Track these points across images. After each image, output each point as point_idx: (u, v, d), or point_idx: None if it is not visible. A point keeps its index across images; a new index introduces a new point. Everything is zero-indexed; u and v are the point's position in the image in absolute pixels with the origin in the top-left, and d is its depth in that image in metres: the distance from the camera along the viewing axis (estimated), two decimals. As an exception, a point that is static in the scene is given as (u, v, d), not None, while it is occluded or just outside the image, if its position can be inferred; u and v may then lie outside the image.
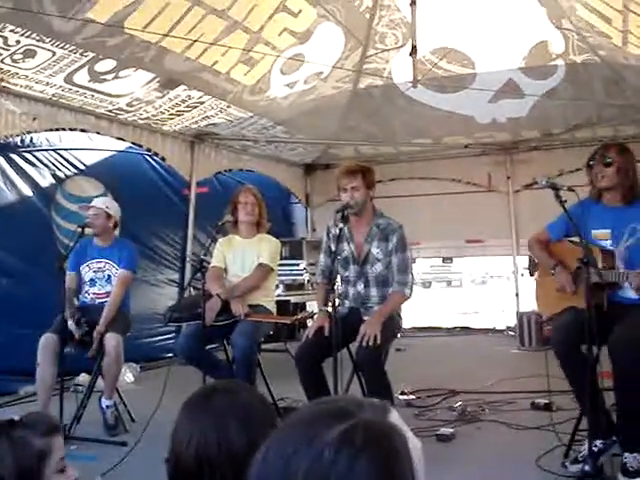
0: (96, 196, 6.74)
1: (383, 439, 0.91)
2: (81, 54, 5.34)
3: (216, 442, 1.45)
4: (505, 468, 3.91)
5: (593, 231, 3.93)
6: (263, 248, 5.24)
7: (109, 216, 5.38)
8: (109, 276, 5.33)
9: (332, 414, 0.93)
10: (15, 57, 5.13)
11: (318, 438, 0.89)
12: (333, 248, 4.23)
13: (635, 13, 5.31)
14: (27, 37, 4.90)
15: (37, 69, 5.39)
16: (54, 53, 5.22)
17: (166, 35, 5.39)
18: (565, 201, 3.64)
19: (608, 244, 3.88)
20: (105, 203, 5.53)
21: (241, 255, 5.28)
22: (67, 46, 5.17)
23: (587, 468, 3.47)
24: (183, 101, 6.77)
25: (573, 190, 3.74)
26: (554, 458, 3.89)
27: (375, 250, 4.43)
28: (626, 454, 3.54)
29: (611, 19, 5.65)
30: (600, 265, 3.69)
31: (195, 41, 5.62)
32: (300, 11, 6.10)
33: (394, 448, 0.91)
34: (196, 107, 7.01)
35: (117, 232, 5.60)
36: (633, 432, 3.59)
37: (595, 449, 3.56)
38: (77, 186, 7.38)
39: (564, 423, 4.40)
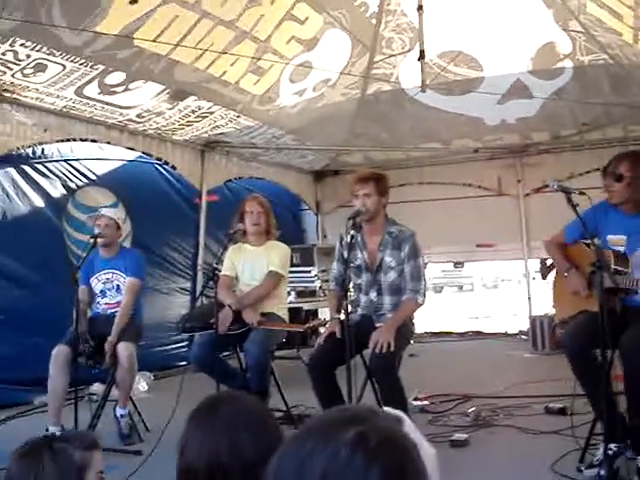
0: (105, 206, 6.76)
1: (396, 444, 0.92)
2: (91, 67, 5.37)
3: (228, 450, 1.46)
4: (520, 473, 3.91)
5: (609, 236, 3.92)
6: (273, 255, 5.24)
7: (119, 227, 5.41)
8: (118, 286, 5.35)
9: (347, 419, 0.94)
10: (25, 72, 5.16)
11: (334, 439, 0.90)
12: (345, 256, 4.23)
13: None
14: (37, 51, 4.93)
15: (48, 83, 5.42)
16: (64, 67, 5.25)
17: (176, 45, 5.41)
18: (577, 205, 3.63)
19: (623, 250, 3.86)
20: (116, 214, 5.56)
21: (251, 264, 5.29)
22: (77, 59, 5.20)
23: (602, 472, 3.45)
24: (193, 111, 6.80)
25: (584, 193, 3.72)
26: (569, 463, 3.87)
27: (388, 258, 4.43)
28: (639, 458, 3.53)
29: (622, 15, 5.63)
30: (614, 268, 3.68)
31: (205, 51, 5.64)
32: (307, 19, 6.11)
33: (407, 454, 0.92)
34: (206, 117, 7.04)
35: (127, 243, 5.63)
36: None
37: (610, 453, 3.54)
38: (88, 196, 7.42)
39: (579, 427, 4.37)
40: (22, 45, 4.80)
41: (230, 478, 1.44)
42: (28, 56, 4.97)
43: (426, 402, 5.65)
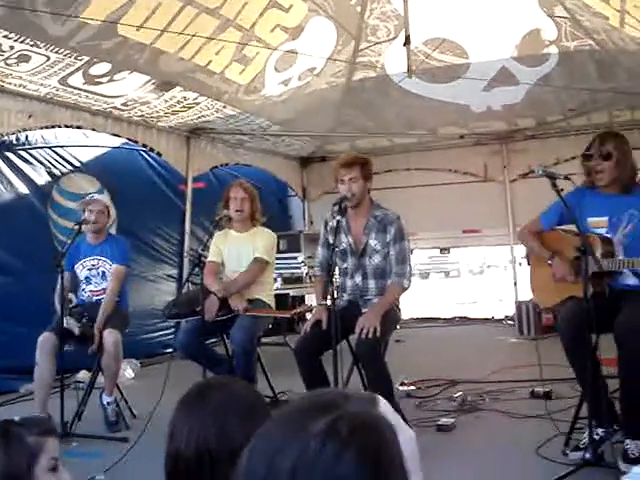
0: (92, 192, 6.72)
1: (370, 429, 0.90)
2: (76, 58, 5.32)
3: (217, 437, 1.45)
4: (506, 457, 3.93)
5: (589, 219, 3.90)
6: (258, 242, 5.22)
7: (109, 213, 5.40)
8: (103, 273, 5.32)
9: (317, 407, 0.92)
10: (9, 62, 5.12)
11: (303, 431, 0.88)
12: (331, 240, 4.23)
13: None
14: (21, 42, 4.88)
15: (31, 72, 5.38)
16: (48, 57, 5.21)
17: (161, 32, 5.37)
18: (562, 190, 3.63)
19: (604, 231, 3.86)
20: (107, 200, 5.54)
21: (237, 250, 5.27)
22: (62, 50, 5.16)
23: (588, 456, 3.47)
24: (179, 102, 6.77)
25: (569, 179, 3.72)
26: (554, 446, 3.89)
27: (373, 242, 4.44)
28: (627, 441, 3.55)
29: (609, -1, 5.63)
30: (600, 253, 3.69)
31: (193, 36, 5.60)
32: (291, 6, 6.08)
33: (381, 438, 0.90)
34: (192, 107, 7.01)
35: (113, 230, 5.61)
36: (635, 418, 3.61)
37: (596, 437, 3.56)
38: (73, 183, 7.38)
39: (564, 411, 4.41)
40: (5, 37, 4.76)
41: (219, 464, 1.44)
42: (12, 47, 4.92)
43: (412, 387, 5.66)
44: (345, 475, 0.85)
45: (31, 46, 4.96)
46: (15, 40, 4.82)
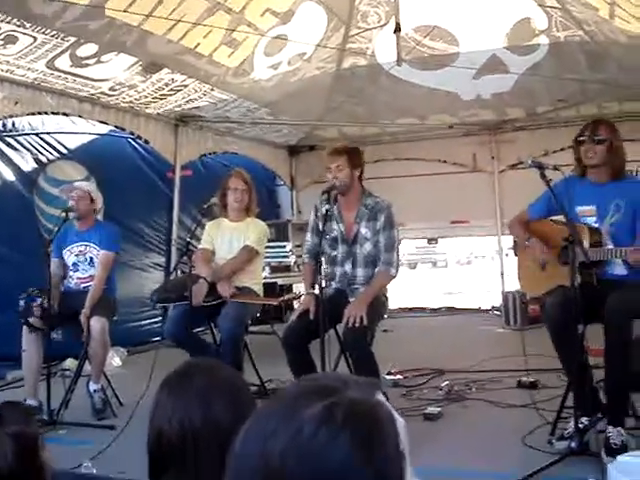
0: (79, 180, 6.69)
1: (366, 416, 0.89)
2: (62, 39, 5.28)
3: (201, 416, 1.45)
4: (492, 446, 3.94)
5: (578, 207, 3.92)
6: (250, 231, 5.22)
7: (92, 200, 5.35)
8: (91, 259, 5.30)
9: (314, 391, 0.91)
10: (-4, 44, 5.07)
11: (298, 415, 0.87)
12: (321, 227, 4.22)
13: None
14: (7, 23, 4.84)
15: (18, 55, 5.33)
16: (35, 38, 5.16)
17: (148, 16, 5.33)
18: (550, 180, 3.64)
19: (593, 221, 3.88)
20: (89, 187, 5.50)
21: (229, 238, 5.27)
22: (48, 31, 5.12)
23: (573, 445, 3.49)
24: (166, 84, 6.72)
25: (558, 169, 3.73)
26: (540, 435, 3.91)
27: (364, 230, 4.44)
28: (610, 428, 3.57)
29: (599, -10, 5.64)
30: (588, 243, 3.70)
31: (178, 21, 5.56)
32: (282, -10, 6.06)
33: (377, 425, 0.89)
34: (180, 90, 6.97)
35: (99, 218, 5.58)
36: (618, 405, 3.64)
37: (581, 426, 3.58)
38: (60, 170, 7.33)
39: (549, 401, 4.43)
40: (-8, 17, 4.71)
41: (202, 444, 1.44)
42: (-2, 28, 4.88)
43: (399, 376, 5.68)
44: (337, 460, 0.85)
45: (18, 26, 4.92)
46: (2, 20, 4.78)
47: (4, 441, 1.67)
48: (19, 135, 6.94)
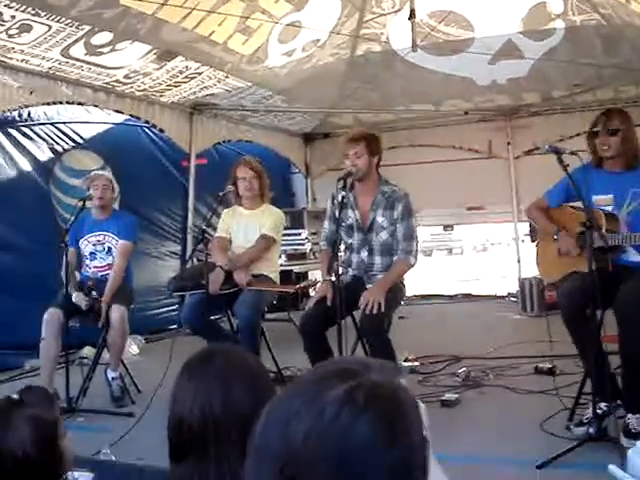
0: (95, 169, 6.70)
1: (388, 398, 0.89)
2: (77, 27, 5.28)
3: (221, 402, 1.45)
4: (510, 432, 3.94)
5: (594, 197, 3.89)
6: (266, 219, 5.22)
7: (113, 189, 5.39)
8: (109, 248, 5.32)
9: (337, 374, 0.92)
10: (10, 32, 5.07)
11: (320, 398, 0.88)
12: (337, 215, 4.21)
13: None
14: (22, 12, 4.84)
15: (33, 43, 5.33)
16: (50, 27, 5.16)
17: (163, 4, 5.32)
18: (568, 165, 3.62)
19: (610, 209, 3.86)
20: (110, 175, 5.53)
21: (244, 227, 5.27)
22: (63, 19, 5.12)
23: (591, 430, 3.50)
24: (181, 72, 6.72)
25: (576, 154, 3.71)
26: (558, 421, 3.92)
27: (380, 218, 4.42)
28: (629, 415, 3.57)
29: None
30: (604, 229, 3.68)
31: (192, 9, 5.55)
32: (296, -23, 6.03)
33: (398, 407, 0.89)
34: (194, 78, 6.96)
35: (116, 206, 5.61)
36: (636, 393, 3.62)
37: (599, 412, 3.58)
38: (76, 159, 7.36)
39: (567, 387, 4.42)
40: (6, 6, 4.71)
41: (222, 430, 1.44)
42: (13, 17, 4.88)
43: (416, 363, 5.68)
44: (359, 442, 0.85)
45: (32, 15, 4.92)
46: (17, 9, 4.78)
47: (21, 424, 1.68)
48: (35, 125, 6.97)
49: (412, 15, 5.99)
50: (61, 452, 1.74)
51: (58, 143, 7.21)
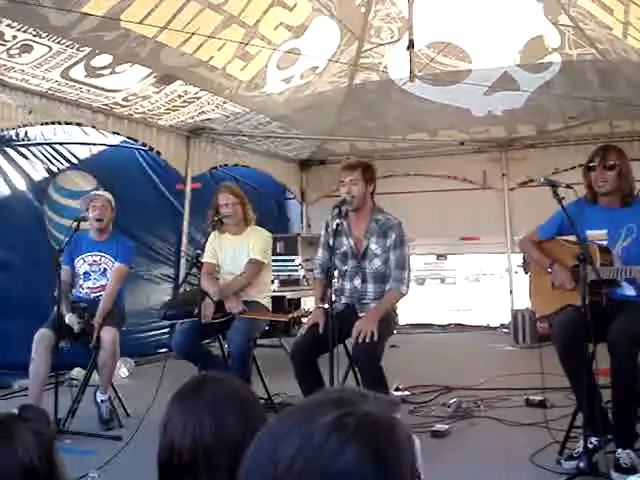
0: (89, 190, 6.70)
1: (378, 428, 0.89)
2: (77, 49, 5.31)
3: (211, 430, 1.45)
4: (500, 464, 3.92)
5: (588, 232, 3.91)
6: (253, 243, 5.19)
7: (112, 208, 5.37)
8: (105, 269, 5.29)
9: (332, 402, 0.92)
10: (11, 52, 5.10)
11: (310, 422, 0.88)
12: (331, 243, 4.22)
13: (636, 4, 5.29)
14: (24, 32, 4.87)
15: (34, 64, 5.36)
16: (50, 48, 5.19)
17: (163, 28, 5.37)
18: (563, 198, 3.64)
19: (604, 244, 3.87)
20: (109, 196, 5.51)
21: (232, 253, 5.25)
22: (64, 41, 5.15)
23: (582, 465, 3.48)
24: (179, 96, 6.75)
25: (571, 187, 3.74)
26: (548, 455, 3.89)
27: (374, 246, 4.43)
28: (619, 450, 3.56)
29: (613, 9, 5.64)
30: (599, 263, 3.69)
31: (192, 34, 5.60)
32: (295, 5, 6.09)
33: (390, 438, 0.89)
34: (192, 102, 7.00)
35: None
36: (626, 428, 3.62)
37: (590, 446, 3.56)
38: (70, 180, 7.36)
39: (558, 420, 4.41)
40: (8, 25, 4.75)
41: (213, 458, 1.43)
42: (14, 37, 4.91)
43: (407, 392, 5.66)
44: (345, 469, 0.85)
45: (34, 36, 4.95)
46: (18, 30, 4.81)
47: (27, 435, 1.67)
48: (31, 145, 6.97)
49: (411, 45, 6.04)
50: (59, 467, 1.73)
51: (53, 163, 7.21)
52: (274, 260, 5.53)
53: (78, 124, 6.68)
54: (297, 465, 0.85)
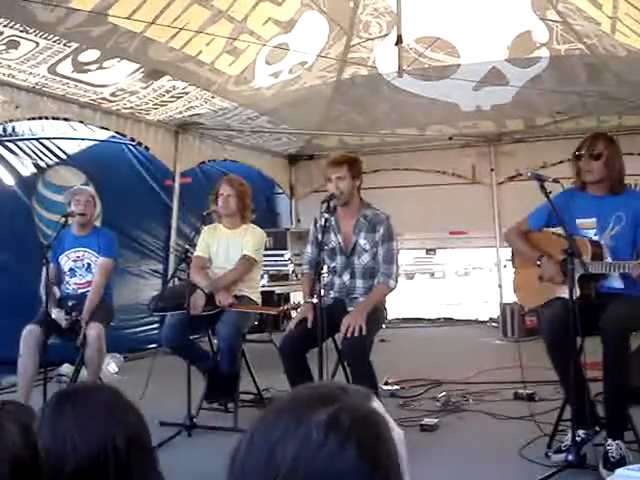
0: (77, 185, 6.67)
1: (369, 422, 0.91)
2: (65, 44, 5.28)
3: (79, 439, 1.48)
4: (488, 458, 3.93)
5: (577, 220, 3.92)
6: (247, 240, 5.19)
7: (95, 204, 5.36)
8: (89, 265, 5.27)
9: (317, 398, 0.93)
10: (-2, 48, 5.08)
11: (305, 421, 0.89)
12: (320, 239, 4.22)
13: (625, 0, 5.31)
14: (10, 28, 4.84)
15: (20, 59, 5.33)
16: (37, 44, 5.16)
17: (151, 23, 5.34)
18: (550, 192, 3.64)
19: (593, 233, 3.88)
20: (93, 191, 5.49)
21: (225, 247, 5.24)
22: (51, 36, 5.12)
23: (570, 458, 3.49)
24: (167, 91, 6.73)
25: (558, 181, 3.74)
26: (537, 448, 3.91)
27: (362, 241, 4.43)
28: (609, 441, 3.55)
29: (602, 4, 5.65)
30: (589, 257, 3.70)
31: (180, 29, 5.57)
32: (284, 0, 6.06)
33: (378, 432, 0.91)
34: (180, 97, 6.97)
35: (97, 224, 5.58)
36: (618, 418, 3.63)
37: (578, 439, 3.58)
38: (58, 176, 7.32)
39: (547, 413, 4.43)
40: (-4, 22, 4.71)
41: (83, 462, 1.48)
42: (0, 33, 4.87)
43: (396, 387, 5.67)
44: (346, 467, 0.86)
45: (20, 32, 4.92)
46: (5, 25, 4.78)
47: (10, 427, 1.68)
48: (19, 140, 6.93)
49: (399, 41, 6.04)
50: (41, 464, 1.74)
51: (42, 159, 7.17)
52: (264, 255, 5.52)
53: (66, 119, 6.66)
54: (299, 465, 0.86)
